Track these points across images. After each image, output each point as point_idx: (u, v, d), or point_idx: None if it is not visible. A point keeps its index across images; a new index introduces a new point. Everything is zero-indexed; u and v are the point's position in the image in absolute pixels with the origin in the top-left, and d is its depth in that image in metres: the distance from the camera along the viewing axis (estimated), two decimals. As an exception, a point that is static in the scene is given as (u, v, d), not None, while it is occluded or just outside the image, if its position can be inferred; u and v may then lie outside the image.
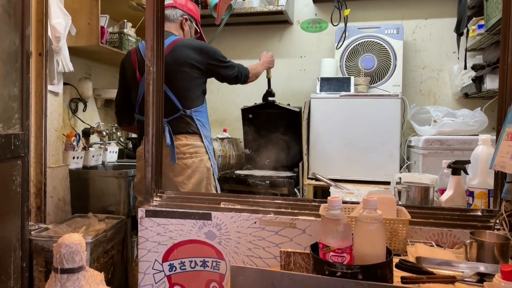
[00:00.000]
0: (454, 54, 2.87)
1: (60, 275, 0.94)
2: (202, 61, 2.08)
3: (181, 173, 2.06)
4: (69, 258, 0.95)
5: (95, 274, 1.06)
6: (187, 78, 2.07)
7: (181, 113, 2.06)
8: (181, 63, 2.05)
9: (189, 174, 2.07)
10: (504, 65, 1.42)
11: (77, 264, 0.97)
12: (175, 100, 2.05)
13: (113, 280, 2.16)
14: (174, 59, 2.03)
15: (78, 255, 0.99)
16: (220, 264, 1.55)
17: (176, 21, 2.20)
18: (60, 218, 2.22)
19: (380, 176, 2.57)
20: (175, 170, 2.06)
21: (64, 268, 0.95)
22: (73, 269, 0.95)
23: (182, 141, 2.06)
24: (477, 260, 1.10)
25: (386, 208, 1.31)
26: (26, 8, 1.83)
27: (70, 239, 1.00)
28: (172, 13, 2.19)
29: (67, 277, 0.94)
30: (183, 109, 2.06)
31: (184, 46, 2.09)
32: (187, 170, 2.06)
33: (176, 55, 2.05)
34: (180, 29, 2.22)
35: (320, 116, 2.74)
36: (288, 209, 1.55)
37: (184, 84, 2.07)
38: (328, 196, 1.18)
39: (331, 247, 0.91)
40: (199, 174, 2.08)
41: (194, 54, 2.07)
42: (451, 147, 2.29)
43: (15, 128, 1.77)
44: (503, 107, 1.41)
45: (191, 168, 2.06)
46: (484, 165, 1.50)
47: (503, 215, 1.29)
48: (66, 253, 0.95)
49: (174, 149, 2.03)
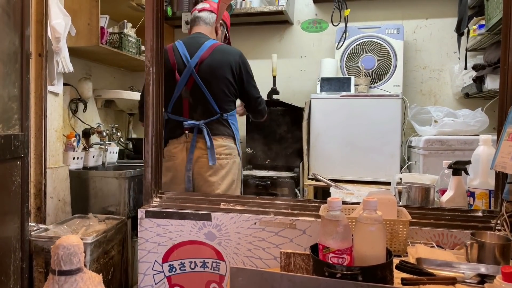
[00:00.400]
0: (455, 54, 2.86)
1: (58, 277, 0.94)
2: (239, 69, 2.12)
3: (216, 174, 2.09)
4: (66, 260, 0.94)
5: (93, 275, 1.06)
6: (225, 82, 2.10)
7: (218, 116, 2.10)
8: (220, 67, 2.09)
9: (223, 175, 2.10)
10: (505, 65, 1.42)
11: (75, 266, 0.96)
12: (212, 103, 2.09)
13: (113, 280, 2.16)
14: (214, 62, 2.09)
15: (76, 257, 0.98)
16: (220, 265, 1.55)
17: (212, 25, 2.24)
18: (60, 218, 2.22)
19: (380, 177, 2.57)
20: (210, 170, 2.08)
21: (62, 270, 0.94)
22: (71, 271, 0.95)
23: (218, 142, 2.10)
24: (478, 261, 1.09)
25: (387, 208, 1.30)
26: (26, 8, 1.83)
27: (68, 240, 0.99)
28: (209, 17, 2.24)
29: (65, 279, 0.93)
30: (220, 113, 2.10)
31: (224, 51, 2.14)
32: (221, 170, 2.09)
33: (216, 59, 2.09)
34: (214, 33, 2.26)
35: (320, 116, 2.73)
36: (288, 209, 1.55)
37: (221, 87, 2.10)
38: (329, 197, 1.18)
39: (331, 248, 0.91)
40: (232, 176, 2.12)
41: (234, 60, 2.11)
42: (451, 147, 2.29)
43: (14, 129, 1.76)
44: (504, 107, 1.40)
45: (225, 169, 2.10)
46: (485, 166, 1.50)
47: (504, 215, 1.29)
48: (64, 254, 0.94)
49: (214, 150, 2.06)
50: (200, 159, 2.09)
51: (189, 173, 2.09)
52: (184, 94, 2.12)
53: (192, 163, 2.09)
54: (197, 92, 2.10)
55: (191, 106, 2.12)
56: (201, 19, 2.24)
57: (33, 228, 1.93)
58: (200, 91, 2.09)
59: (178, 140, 2.14)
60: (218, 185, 2.07)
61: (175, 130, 2.14)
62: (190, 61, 2.11)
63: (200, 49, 2.12)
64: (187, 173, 2.09)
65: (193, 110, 2.12)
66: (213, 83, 2.08)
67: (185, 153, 2.10)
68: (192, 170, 2.09)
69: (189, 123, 2.09)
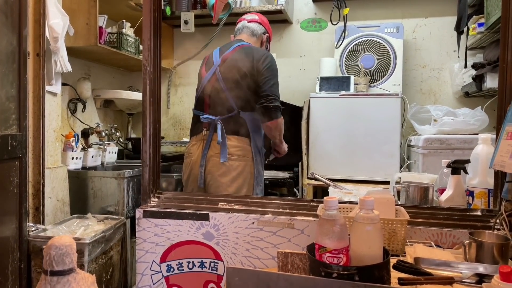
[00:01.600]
0: (455, 53, 2.86)
1: (50, 277, 0.93)
2: (261, 65, 2.09)
3: (226, 174, 2.06)
4: (59, 260, 0.94)
5: (86, 276, 1.05)
6: (244, 79, 2.08)
7: (235, 113, 2.08)
8: (241, 64, 2.08)
9: (234, 176, 2.07)
10: (504, 63, 1.41)
11: (67, 266, 0.96)
12: (230, 99, 2.08)
13: (112, 281, 2.15)
14: (236, 59, 2.10)
15: (68, 257, 0.98)
16: (218, 265, 1.54)
17: (258, 36, 2.30)
18: (59, 219, 2.22)
19: (380, 176, 2.56)
20: (220, 169, 2.06)
21: (54, 270, 0.94)
22: (63, 271, 0.94)
23: (232, 142, 2.08)
24: (476, 260, 1.08)
25: (385, 208, 1.30)
26: (24, 8, 1.82)
27: (60, 241, 0.99)
28: (257, 29, 2.30)
29: (57, 279, 0.93)
30: (237, 110, 2.08)
31: (250, 49, 2.15)
32: (232, 172, 2.07)
33: (239, 56, 2.11)
34: (259, 44, 2.31)
35: (319, 115, 2.73)
36: (286, 209, 1.54)
37: (241, 84, 2.08)
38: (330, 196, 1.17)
39: (327, 248, 0.90)
40: (242, 179, 2.08)
41: (257, 57, 2.10)
42: (451, 146, 2.28)
43: (12, 129, 1.76)
44: (503, 106, 1.39)
45: (236, 171, 2.07)
46: (484, 165, 1.49)
47: (503, 215, 1.28)
48: (56, 255, 0.94)
49: (226, 147, 2.05)
50: (213, 157, 2.08)
51: (201, 169, 2.09)
52: (205, 90, 2.15)
53: (206, 160, 2.09)
54: (217, 88, 2.12)
55: (211, 102, 2.13)
56: (249, 29, 2.29)
57: (31, 229, 1.92)
58: (220, 87, 2.10)
59: (197, 138, 2.16)
60: (227, 187, 2.06)
61: (197, 127, 2.17)
62: (216, 60, 2.16)
63: (228, 49, 2.17)
64: (200, 169, 2.09)
65: (213, 106, 2.13)
66: (233, 79, 2.08)
67: (201, 150, 2.11)
68: (205, 167, 2.09)
69: (205, 117, 2.10)
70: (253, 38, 2.28)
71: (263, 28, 2.32)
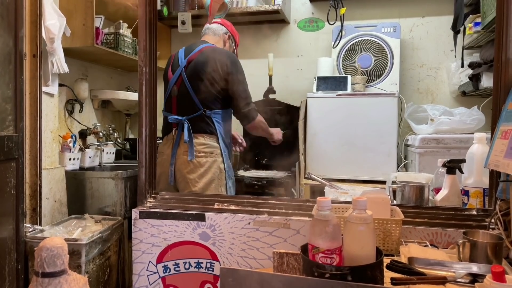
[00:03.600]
0: (452, 52, 2.86)
1: (41, 279, 0.93)
2: (226, 67, 2.18)
3: (194, 171, 2.15)
4: (50, 262, 0.94)
5: (77, 277, 1.05)
6: (209, 80, 2.17)
7: (201, 113, 2.17)
8: (206, 65, 2.17)
9: (202, 173, 2.15)
10: (498, 63, 1.41)
11: (59, 268, 0.96)
12: (195, 99, 2.17)
13: (110, 281, 2.15)
14: (201, 60, 2.19)
15: (60, 259, 0.98)
16: (214, 265, 1.55)
17: (220, 35, 2.39)
18: (56, 219, 2.22)
19: (377, 175, 2.56)
20: (188, 167, 2.15)
21: (45, 272, 0.94)
22: (54, 273, 0.94)
23: (199, 140, 2.17)
24: (470, 260, 1.09)
25: (380, 208, 1.30)
26: (20, 9, 1.83)
27: (51, 242, 0.99)
28: (218, 28, 2.41)
29: (49, 281, 0.93)
30: (203, 109, 2.17)
31: (213, 51, 2.24)
32: (200, 168, 2.15)
33: (203, 57, 2.19)
34: (222, 43, 2.39)
35: (317, 115, 2.72)
36: (282, 209, 1.55)
37: (205, 84, 2.17)
38: (323, 196, 1.17)
39: (320, 248, 0.90)
40: (211, 174, 2.16)
41: (221, 58, 2.19)
42: (447, 145, 2.28)
43: (8, 130, 1.76)
44: (498, 106, 1.40)
45: (204, 167, 2.15)
46: (479, 164, 1.49)
47: (498, 214, 1.28)
48: (47, 256, 0.94)
49: (193, 145, 2.14)
50: (181, 155, 2.18)
51: (171, 167, 2.19)
52: (172, 92, 2.25)
53: (175, 158, 2.19)
54: (183, 89, 2.21)
55: (178, 103, 2.23)
56: (210, 30, 2.41)
57: (28, 229, 1.92)
58: (186, 89, 2.20)
59: (167, 137, 2.27)
60: (196, 183, 2.14)
61: (167, 128, 2.27)
62: (182, 62, 2.24)
63: (193, 51, 2.26)
64: (170, 167, 2.19)
65: (180, 107, 2.23)
66: (197, 80, 2.17)
67: (171, 149, 2.21)
68: (175, 165, 2.19)
69: (173, 118, 2.20)
70: (216, 37, 2.38)
71: (224, 28, 2.41)
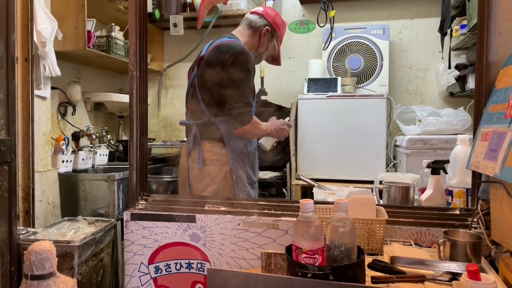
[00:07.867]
0: (440, 54, 2.90)
1: (30, 281, 0.96)
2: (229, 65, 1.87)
3: (201, 180, 1.98)
4: (39, 265, 0.97)
5: (66, 280, 1.08)
6: (215, 83, 1.91)
7: (207, 119, 1.96)
8: (213, 66, 1.91)
9: (207, 182, 1.98)
10: (480, 66, 1.45)
11: (47, 271, 0.99)
12: (202, 104, 1.95)
13: (103, 282, 2.17)
14: (209, 60, 1.92)
15: (48, 262, 1.00)
16: (205, 265, 1.57)
17: (256, 29, 2.04)
18: (49, 222, 2.23)
19: (367, 176, 2.60)
20: (196, 175, 1.98)
21: (34, 275, 0.96)
22: (43, 276, 0.97)
23: (205, 147, 1.98)
24: (450, 259, 1.12)
25: (366, 208, 1.33)
26: (11, 14, 1.84)
27: (40, 246, 1.02)
28: (257, 20, 2.04)
29: (37, 283, 0.96)
30: (209, 116, 1.95)
31: (224, 47, 1.91)
32: (205, 178, 1.97)
33: (213, 57, 1.92)
34: (258, 37, 2.05)
35: (307, 116, 2.76)
36: (271, 210, 1.57)
37: (211, 88, 1.93)
38: (312, 197, 1.20)
39: (303, 249, 0.93)
40: (216, 186, 1.96)
41: (227, 57, 1.88)
42: (434, 146, 2.33)
43: (0, 134, 1.78)
44: (479, 108, 1.43)
45: (209, 176, 1.97)
46: (462, 165, 1.53)
47: (480, 214, 1.32)
48: (36, 260, 0.97)
49: (201, 152, 1.96)
50: (192, 162, 2.01)
51: (187, 173, 2.02)
52: (186, 95, 2.08)
53: (188, 165, 2.02)
54: (193, 92, 2.00)
55: (190, 107, 2.06)
56: (246, 20, 2.08)
57: (21, 232, 1.94)
58: (195, 91, 1.98)
59: (184, 144, 2.12)
60: (202, 193, 1.98)
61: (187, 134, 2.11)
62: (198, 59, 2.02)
63: (210, 47, 1.97)
64: (185, 173, 2.03)
65: (192, 111, 2.04)
66: (205, 83, 1.94)
67: (185, 156, 2.04)
68: (188, 172, 2.02)
69: (182, 122, 2.07)
70: (249, 30, 2.04)
71: (264, 20, 2.04)
